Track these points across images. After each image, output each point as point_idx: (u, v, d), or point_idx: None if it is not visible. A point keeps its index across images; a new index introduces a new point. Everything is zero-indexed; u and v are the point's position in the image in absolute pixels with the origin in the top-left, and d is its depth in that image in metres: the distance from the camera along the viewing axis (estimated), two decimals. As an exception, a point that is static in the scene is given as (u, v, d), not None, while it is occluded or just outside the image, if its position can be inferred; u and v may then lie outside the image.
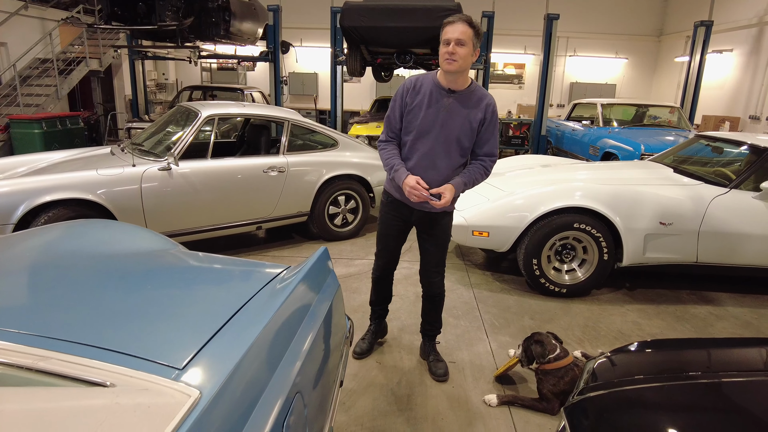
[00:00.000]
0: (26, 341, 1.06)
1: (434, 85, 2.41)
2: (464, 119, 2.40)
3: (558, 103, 14.49)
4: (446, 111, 2.39)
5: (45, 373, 0.94)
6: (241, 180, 4.36)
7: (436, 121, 2.39)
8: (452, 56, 2.26)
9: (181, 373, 1.02)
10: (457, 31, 2.24)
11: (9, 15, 9.35)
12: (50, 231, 1.85)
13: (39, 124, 8.05)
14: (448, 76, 2.37)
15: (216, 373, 1.03)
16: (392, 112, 2.50)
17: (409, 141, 2.46)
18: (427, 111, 2.39)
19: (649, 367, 1.71)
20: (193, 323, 1.27)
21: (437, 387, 2.67)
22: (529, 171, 4.69)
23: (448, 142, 2.42)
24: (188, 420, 0.86)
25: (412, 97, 2.42)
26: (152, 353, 1.07)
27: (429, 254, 2.71)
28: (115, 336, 1.16)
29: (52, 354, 1.01)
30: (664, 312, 3.69)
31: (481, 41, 2.36)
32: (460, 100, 2.39)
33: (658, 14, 13.97)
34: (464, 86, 2.41)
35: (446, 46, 2.27)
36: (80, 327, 1.18)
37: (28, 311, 1.27)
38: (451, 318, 3.47)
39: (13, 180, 3.64)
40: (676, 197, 3.72)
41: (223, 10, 7.86)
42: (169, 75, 14.69)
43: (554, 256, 3.84)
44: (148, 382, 0.94)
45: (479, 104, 2.41)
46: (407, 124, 2.46)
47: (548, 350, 2.47)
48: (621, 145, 7.07)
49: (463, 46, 2.25)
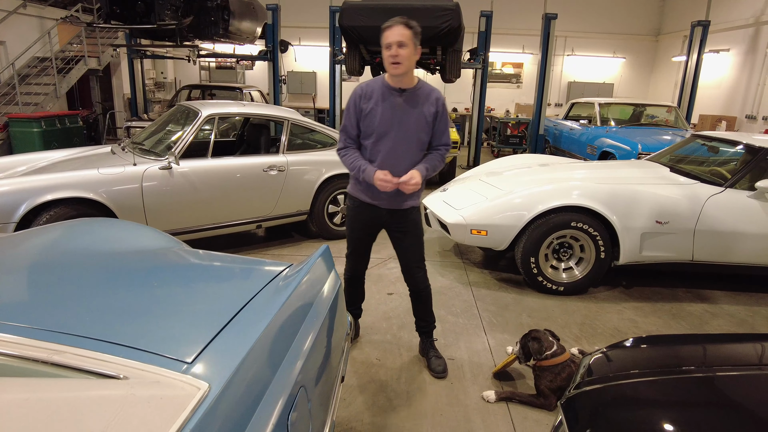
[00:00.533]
0: (40, 336, 1.09)
1: (384, 88, 2.52)
2: (419, 115, 2.51)
3: (556, 102, 14.53)
4: (400, 109, 2.49)
5: (60, 366, 0.98)
6: (241, 179, 4.39)
7: (393, 120, 2.50)
8: (396, 58, 2.36)
9: (190, 366, 1.05)
10: (396, 34, 2.35)
11: (8, 13, 9.35)
12: (56, 229, 1.88)
13: (38, 123, 8.06)
14: (396, 77, 2.47)
15: (223, 367, 1.07)
16: (348, 121, 2.60)
17: (370, 144, 2.56)
18: (383, 113, 2.50)
19: (644, 362, 1.74)
20: (199, 319, 1.31)
21: (436, 383, 2.71)
22: (527, 170, 4.73)
23: (407, 138, 2.52)
24: (198, 411, 0.90)
25: (366, 102, 2.53)
26: (162, 348, 1.10)
27: (406, 251, 2.77)
28: (125, 331, 1.19)
29: (65, 348, 1.04)
30: (660, 310, 3.74)
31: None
32: (412, 98, 2.50)
33: (655, 14, 14.02)
34: (412, 84, 2.52)
35: (388, 49, 2.37)
36: (91, 323, 1.22)
37: (40, 308, 1.30)
38: (450, 316, 3.50)
39: (14, 179, 3.66)
40: (672, 196, 3.76)
41: (222, 9, 7.88)
42: (167, 74, 14.68)
43: (552, 255, 3.88)
44: (159, 375, 0.98)
45: (429, 99, 2.53)
46: (365, 129, 2.56)
47: (545, 347, 2.51)
48: (618, 144, 7.12)
49: (404, 47, 2.35)
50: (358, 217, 2.75)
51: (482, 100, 9.26)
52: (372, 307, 3.58)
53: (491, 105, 14.31)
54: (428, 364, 2.86)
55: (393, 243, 2.80)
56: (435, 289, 3.91)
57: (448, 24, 6.64)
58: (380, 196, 2.61)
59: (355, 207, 2.74)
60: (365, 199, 2.67)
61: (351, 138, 2.62)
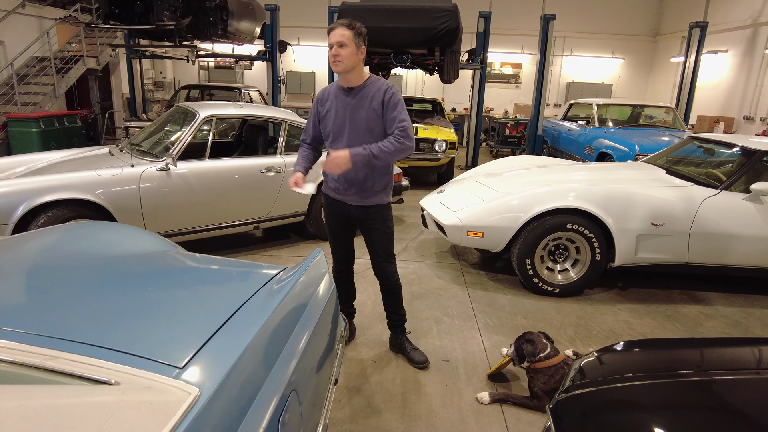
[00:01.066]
0: (34, 341, 1.10)
1: (337, 90, 2.64)
2: (368, 108, 2.58)
3: (555, 102, 14.56)
4: (351, 107, 2.59)
5: (53, 372, 0.99)
6: (239, 180, 4.40)
7: (345, 119, 2.60)
8: (336, 58, 2.46)
9: (181, 371, 1.07)
10: (336, 35, 2.45)
11: (6, 13, 9.35)
12: (52, 233, 1.90)
13: (36, 123, 8.07)
14: (343, 77, 2.56)
15: (214, 372, 1.08)
16: (309, 121, 2.80)
17: (328, 144, 2.71)
18: (336, 113, 2.63)
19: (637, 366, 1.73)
20: (192, 323, 1.32)
21: (431, 385, 2.73)
22: (524, 172, 4.75)
23: (359, 134, 2.59)
24: (189, 416, 0.91)
25: (322, 106, 2.69)
26: (154, 353, 1.12)
27: (374, 245, 2.84)
28: (119, 336, 1.21)
29: (59, 353, 1.06)
30: (655, 311, 3.76)
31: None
32: (361, 95, 2.58)
33: (654, 15, 14.05)
34: (361, 82, 2.59)
35: (330, 50, 2.48)
36: (85, 327, 1.23)
37: (34, 312, 1.32)
38: (446, 317, 3.52)
39: (12, 180, 3.67)
40: (667, 198, 3.78)
41: (220, 10, 7.89)
42: (166, 73, 14.70)
43: (547, 256, 3.90)
44: (150, 380, 0.99)
45: (378, 92, 2.58)
46: (323, 130, 2.72)
47: (539, 349, 2.53)
48: (616, 145, 7.14)
49: (344, 47, 2.45)
50: (331, 213, 2.88)
51: (481, 101, 9.28)
52: (367, 308, 3.60)
53: (490, 105, 14.33)
54: (409, 358, 2.92)
55: (363, 237, 2.88)
56: (431, 290, 3.95)
57: (446, 25, 6.66)
58: (347, 193, 2.72)
59: (327, 204, 2.88)
60: (334, 195, 2.80)
61: (307, 136, 2.81)
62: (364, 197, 2.70)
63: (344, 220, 2.85)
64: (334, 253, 2.99)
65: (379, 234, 2.80)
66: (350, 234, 2.94)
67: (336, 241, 2.94)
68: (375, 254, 2.86)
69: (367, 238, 2.85)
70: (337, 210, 2.82)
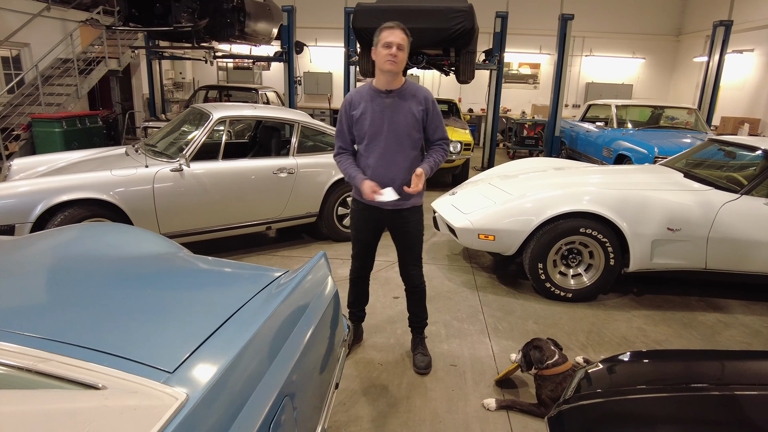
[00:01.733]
0: (30, 343, 1.12)
1: (372, 92, 2.61)
2: (407, 112, 2.57)
3: (574, 103, 14.36)
4: (390, 109, 2.57)
5: (43, 375, 1.00)
6: (251, 181, 4.43)
7: (383, 121, 2.57)
8: (395, 58, 2.45)
9: (171, 376, 1.07)
10: (398, 36, 2.45)
11: (32, 16, 9.60)
12: (60, 234, 1.93)
13: (59, 123, 8.25)
14: (386, 78, 2.54)
15: (204, 377, 1.08)
16: (341, 127, 2.70)
17: (363, 147, 2.65)
18: (372, 115, 2.58)
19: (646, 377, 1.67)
20: (187, 327, 1.33)
21: (437, 390, 2.70)
22: (539, 174, 4.68)
23: (398, 137, 2.59)
24: (173, 422, 0.91)
25: (355, 109, 2.63)
26: (146, 357, 1.12)
27: (405, 249, 2.84)
28: (114, 339, 1.22)
29: (52, 356, 1.07)
30: (671, 318, 3.67)
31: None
32: (399, 98, 2.58)
33: (677, 13, 13.75)
34: (399, 85, 2.59)
35: (388, 48, 2.45)
36: (81, 329, 1.25)
37: (34, 313, 1.34)
38: (455, 321, 3.49)
39: (32, 180, 3.76)
40: (684, 203, 3.68)
41: (237, 11, 7.97)
42: (186, 74, 14.91)
43: (560, 261, 3.84)
44: (138, 384, 0.99)
45: (417, 97, 2.60)
46: (358, 133, 2.65)
47: (546, 356, 2.48)
48: (634, 147, 7.00)
49: (402, 50, 2.47)
50: (362, 219, 2.81)
51: (497, 102, 9.19)
52: (377, 310, 3.59)
53: (507, 106, 14.20)
54: (413, 360, 2.92)
55: (394, 240, 2.87)
56: (441, 293, 3.92)
57: (461, 26, 6.61)
58: None
59: (359, 209, 2.81)
60: (368, 202, 2.71)
61: (345, 143, 2.72)
62: (401, 201, 2.65)
63: (376, 227, 2.82)
64: (358, 258, 2.94)
65: (411, 237, 2.80)
66: (377, 240, 2.91)
67: (363, 247, 2.89)
68: (404, 256, 2.86)
69: (398, 242, 2.84)
70: (370, 216, 2.76)
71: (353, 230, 2.89)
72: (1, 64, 9.80)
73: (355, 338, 3.15)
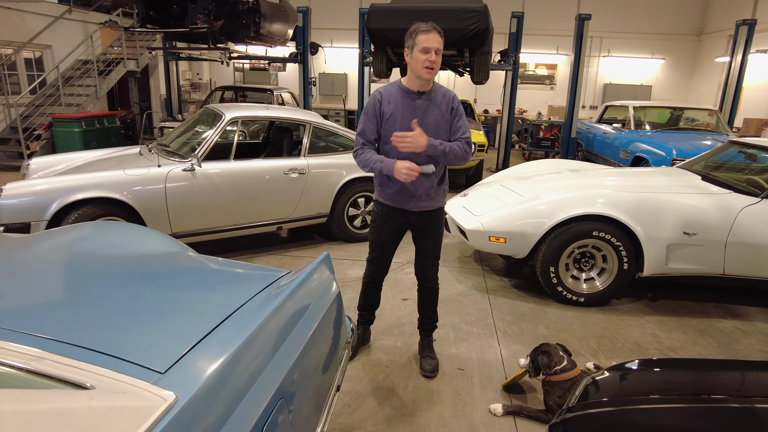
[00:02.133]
0: (23, 341, 1.12)
1: (403, 92, 2.56)
2: (437, 114, 2.57)
3: (591, 104, 14.16)
4: (421, 111, 2.54)
5: (35, 374, 1.00)
6: (263, 181, 4.44)
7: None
8: (432, 64, 2.41)
9: (162, 377, 1.06)
10: (436, 41, 2.40)
11: (54, 19, 9.79)
12: (65, 232, 1.95)
13: (78, 123, 8.40)
14: (420, 81, 2.51)
15: (196, 378, 1.07)
16: (366, 125, 2.58)
17: (392, 147, 2.50)
18: (403, 116, 2.53)
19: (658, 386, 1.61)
20: (183, 327, 1.32)
21: (443, 394, 2.67)
22: (553, 176, 4.61)
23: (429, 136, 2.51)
24: (160, 423, 0.90)
25: (386, 106, 2.56)
26: (139, 356, 1.12)
27: (426, 249, 2.82)
28: (109, 338, 1.21)
29: (45, 354, 1.07)
30: (686, 325, 3.57)
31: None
32: (430, 99, 2.56)
33: (698, 12, 13.47)
34: (431, 87, 2.58)
35: (426, 53, 2.40)
36: (77, 328, 1.25)
37: (34, 311, 1.34)
38: (464, 324, 3.45)
39: (48, 179, 3.83)
40: (701, 206, 3.59)
41: (253, 12, 8.02)
42: (203, 75, 15.07)
43: (573, 264, 3.77)
44: (127, 384, 0.99)
45: (446, 98, 2.60)
46: (386, 133, 2.56)
47: (555, 361, 2.43)
48: (652, 149, 6.87)
49: (439, 55, 2.43)
50: (384, 223, 2.76)
51: (512, 103, 9.11)
52: (386, 312, 3.57)
53: (523, 106, 14.07)
54: (420, 363, 2.89)
55: (415, 240, 2.84)
56: (451, 295, 3.89)
57: (476, 26, 6.55)
58: (409, 200, 2.64)
59: (383, 213, 2.74)
60: (393, 203, 2.69)
61: (368, 142, 2.61)
62: (426, 201, 2.65)
63: (398, 230, 2.78)
64: (375, 262, 2.88)
65: (433, 237, 2.79)
66: (397, 244, 2.87)
67: (382, 250, 2.84)
68: (422, 256, 2.84)
69: (418, 242, 2.82)
70: (394, 219, 2.71)
71: (373, 234, 2.83)
72: (25, 65, 10.01)
73: (363, 340, 3.13)
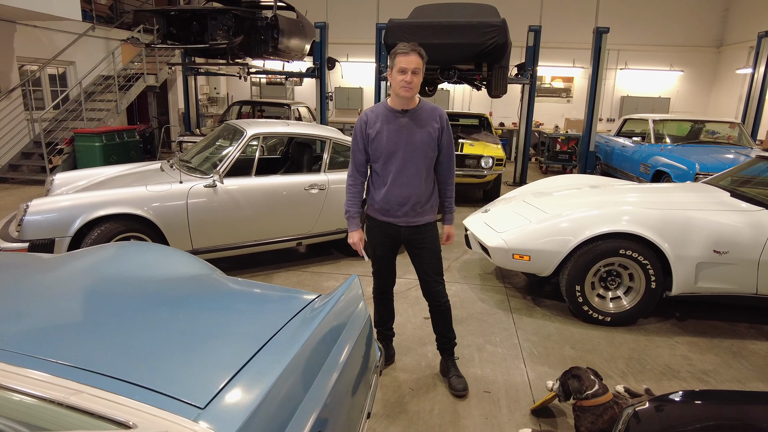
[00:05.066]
0: (60, 372, 1.10)
1: (387, 111, 2.61)
2: (424, 132, 2.59)
3: (608, 117, 14.05)
4: (406, 129, 2.58)
5: (74, 409, 0.98)
6: (283, 197, 4.44)
7: (400, 140, 2.58)
8: (409, 84, 2.46)
9: (203, 412, 1.04)
10: (413, 62, 2.45)
11: (78, 36, 10.01)
12: (93, 254, 1.94)
13: (99, 138, 8.53)
14: (402, 100, 2.56)
15: (236, 413, 1.04)
16: (355, 147, 2.69)
17: (379, 165, 2.65)
18: (388, 134, 2.58)
19: (696, 419, 1.56)
20: (219, 357, 1.29)
21: (470, 417, 2.61)
22: (575, 192, 4.55)
23: (415, 156, 2.60)
24: (203, 466, 0.87)
25: (371, 128, 2.62)
26: (178, 390, 1.09)
27: (424, 265, 2.80)
28: (145, 369, 1.19)
29: (84, 388, 1.05)
30: (719, 346, 3.46)
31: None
32: (415, 117, 2.59)
33: (717, 24, 13.34)
34: (415, 104, 2.61)
35: (403, 74, 2.46)
36: (113, 357, 1.23)
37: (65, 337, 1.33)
38: (489, 345, 3.38)
39: (72, 195, 3.86)
40: (732, 224, 3.50)
41: (271, 28, 8.11)
42: (220, 89, 15.27)
43: (598, 283, 3.69)
44: (168, 422, 0.96)
45: (433, 116, 2.62)
46: (374, 152, 2.64)
47: (586, 386, 2.36)
48: (674, 163, 6.76)
49: (417, 75, 2.47)
50: (377, 236, 2.81)
51: (530, 116, 9.06)
52: (407, 331, 3.52)
53: (540, 119, 14.00)
54: (449, 383, 2.85)
55: (411, 258, 2.84)
56: (474, 314, 3.82)
57: (495, 40, 6.55)
58: (396, 214, 2.69)
59: (374, 226, 2.81)
60: (381, 218, 2.74)
61: (360, 165, 2.71)
62: (414, 216, 2.68)
63: (391, 243, 2.81)
64: (377, 275, 2.92)
65: (429, 253, 2.76)
66: (395, 256, 2.89)
67: (380, 263, 2.88)
68: (424, 274, 2.81)
69: (415, 259, 2.81)
70: (384, 232, 2.76)
71: (371, 247, 2.88)
72: (49, 81, 10.23)
73: (387, 359, 3.09)
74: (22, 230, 3.59)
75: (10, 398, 1.01)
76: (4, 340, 1.20)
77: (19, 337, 1.26)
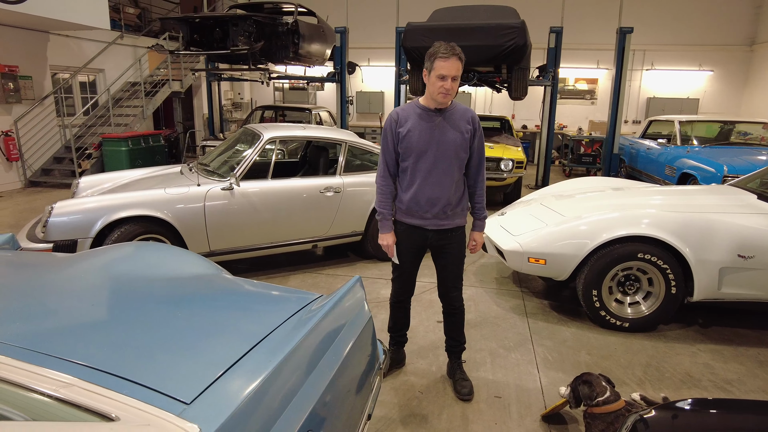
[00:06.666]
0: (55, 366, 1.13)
1: (420, 110, 2.58)
2: (456, 131, 2.56)
3: (634, 119, 13.75)
4: (438, 129, 2.54)
5: (62, 402, 1.00)
6: (299, 200, 4.48)
7: (432, 139, 2.54)
8: (448, 91, 2.44)
9: (188, 408, 1.04)
10: (453, 68, 2.40)
11: (107, 44, 10.33)
12: (107, 253, 1.99)
13: (126, 142, 8.78)
14: (437, 102, 2.52)
15: (221, 410, 1.05)
16: (385, 146, 2.65)
17: (410, 164, 2.60)
18: (420, 132, 2.54)
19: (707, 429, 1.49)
20: (212, 353, 1.31)
21: (479, 422, 2.57)
22: (594, 194, 4.45)
23: (447, 156, 2.56)
24: (182, 460, 0.88)
25: (402, 126, 2.58)
26: (166, 385, 1.11)
27: (447, 270, 2.77)
28: (138, 364, 1.21)
29: (74, 381, 1.07)
30: (743, 355, 3.34)
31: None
32: (448, 117, 2.56)
33: (749, 22, 12.92)
34: (449, 104, 2.58)
35: (442, 80, 2.41)
36: (108, 352, 1.25)
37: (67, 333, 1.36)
38: (502, 350, 3.33)
39: (93, 197, 3.97)
40: (758, 227, 3.36)
41: (292, 34, 8.21)
42: (244, 95, 15.52)
43: (616, 288, 3.60)
44: (151, 416, 0.97)
45: (465, 117, 2.60)
46: (404, 151, 2.59)
47: (597, 392, 2.30)
48: (700, 165, 6.57)
49: (456, 81, 2.44)
50: (405, 241, 2.74)
51: (552, 119, 8.93)
52: (420, 334, 3.50)
53: (563, 122, 13.80)
54: (454, 386, 2.83)
55: (435, 261, 2.81)
56: (489, 318, 3.78)
57: (513, 42, 6.49)
58: (424, 216, 2.64)
59: (402, 231, 2.74)
60: (411, 221, 2.68)
61: (390, 164, 2.66)
62: (443, 219, 2.63)
63: (419, 248, 2.75)
64: (399, 281, 2.86)
65: (453, 258, 2.74)
66: (419, 264, 2.84)
67: (405, 270, 2.80)
68: (444, 278, 2.79)
69: (440, 263, 2.79)
70: (413, 238, 2.70)
71: (396, 253, 2.80)
72: (80, 88, 10.57)
73: (397, 363, 3.08)
74: (46, 231, 3.71)
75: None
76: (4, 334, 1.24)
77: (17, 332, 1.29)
